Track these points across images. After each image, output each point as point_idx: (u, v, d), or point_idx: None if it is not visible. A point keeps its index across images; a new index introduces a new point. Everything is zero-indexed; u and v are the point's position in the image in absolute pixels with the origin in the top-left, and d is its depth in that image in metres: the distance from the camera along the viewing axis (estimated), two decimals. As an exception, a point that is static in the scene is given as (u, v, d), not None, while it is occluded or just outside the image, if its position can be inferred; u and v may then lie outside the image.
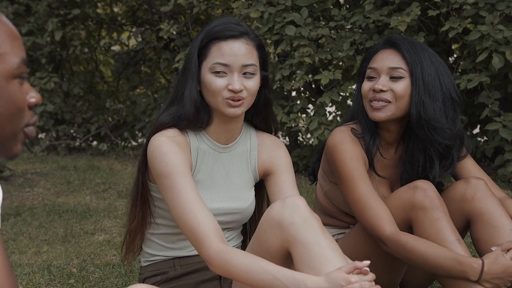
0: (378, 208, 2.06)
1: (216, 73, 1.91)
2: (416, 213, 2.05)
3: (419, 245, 1.99)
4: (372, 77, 2.18)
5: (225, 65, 1.90)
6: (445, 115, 2.14)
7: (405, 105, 2.14)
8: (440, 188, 2.25)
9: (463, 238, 2.24)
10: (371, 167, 2.20)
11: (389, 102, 2.13)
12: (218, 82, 1.91)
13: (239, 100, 1.91)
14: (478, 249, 2.12)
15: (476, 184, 2.14)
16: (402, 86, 2.13)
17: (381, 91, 2.13)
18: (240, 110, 1.93)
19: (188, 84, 1.94)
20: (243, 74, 1.91)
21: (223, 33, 1.92)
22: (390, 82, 2.15)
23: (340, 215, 2.31)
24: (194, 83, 1.93)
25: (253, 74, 1.93)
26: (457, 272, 1.96)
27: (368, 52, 2.27)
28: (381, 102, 2.14)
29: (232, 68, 1.91)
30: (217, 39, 1.92)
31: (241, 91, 1.90)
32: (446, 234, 2.01)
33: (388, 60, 2.17)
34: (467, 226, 2.17)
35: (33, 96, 1.19)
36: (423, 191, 2.05)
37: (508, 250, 1.98)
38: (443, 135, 2.13)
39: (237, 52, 1.91)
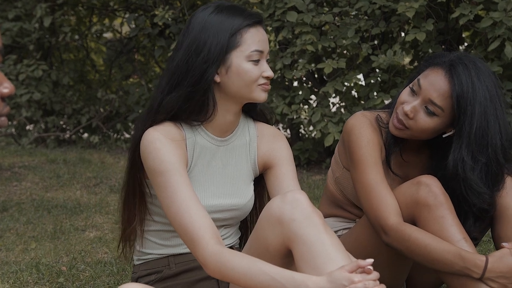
0: (385, 197, 2.06)
1: (255, 61, 1.91)
2: (420, 210, 2.04)
3: (423, 237, 1.99)
4: (414, 92, 2.09)
5: (261, 52, 1.92)
6: (485, 177, 2.07)
7: (427, 136, 2.10)
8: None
9: (483, 235, 2.24)
10: (386, 161, 2.18)
11: (407, 128, 2.08)
12: (255, 71, 1.91)
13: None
14: (498, 247, 2.10)
15: (510, 180, 2.13)
16: (429, 123, 2.07)
17: (406, 115, 2.08)
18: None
19: (209, 71, 1.89)
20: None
21: (250, 19, 1.91)
22: (421, 111, 2.07)
23: (348, 206, 2.31)
24: (213, 72, 1.90)
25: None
26: (459, 268, 1.96)
27: (434, 56, 2.13)
28: (400, 124, 2.09)
29: (264, 55, 1.93)
30: (248, 26, 1.91)
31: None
32: (452, 232, 2.01)
33: (435, 91, 2.05)
34: (489, 222, 2.16)
35: (6, 87, 1.19)
36: (427, 187, 2.04)
37: None
38: (481, 198, 2.08)
39: (265, 38, 1.95)
